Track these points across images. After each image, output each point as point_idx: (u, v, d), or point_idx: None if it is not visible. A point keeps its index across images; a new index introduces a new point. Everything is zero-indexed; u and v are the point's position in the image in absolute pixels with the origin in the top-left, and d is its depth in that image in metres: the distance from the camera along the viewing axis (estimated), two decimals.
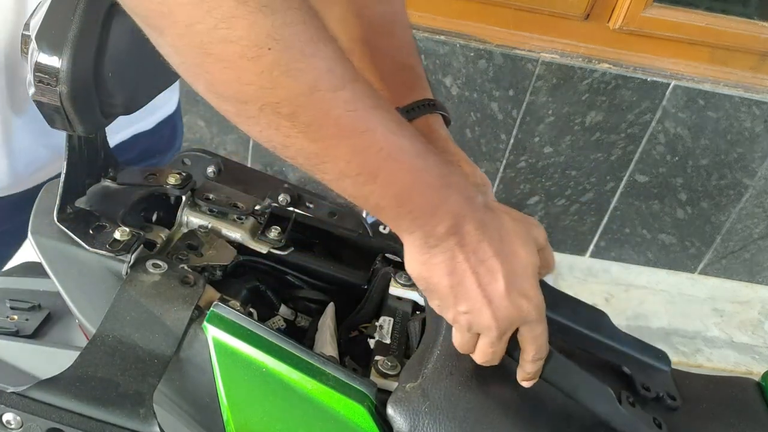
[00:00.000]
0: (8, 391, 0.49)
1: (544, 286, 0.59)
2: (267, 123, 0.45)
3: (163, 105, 0.88)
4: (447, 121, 0.69)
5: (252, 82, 0.42)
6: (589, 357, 0.64)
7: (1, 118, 0.67)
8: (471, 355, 0.57)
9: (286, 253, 0.68)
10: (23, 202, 0.66)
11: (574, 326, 0.65)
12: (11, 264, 0.82)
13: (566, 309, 0.66)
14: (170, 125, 0.92)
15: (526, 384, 0.57)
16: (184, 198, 0.67)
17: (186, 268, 0.60)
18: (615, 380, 0.64)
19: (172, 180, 0.67)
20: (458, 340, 0.57)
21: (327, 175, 0.48)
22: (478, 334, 0.55)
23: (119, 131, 0.82)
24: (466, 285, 0.52)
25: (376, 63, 0.68)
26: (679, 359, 1.88)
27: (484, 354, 0.56)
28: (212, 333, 0.55)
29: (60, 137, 0.59)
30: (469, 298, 0.52)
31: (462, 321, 0.54)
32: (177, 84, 0.91)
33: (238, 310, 0.57)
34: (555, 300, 0.63)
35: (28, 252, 0.67)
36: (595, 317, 0.68)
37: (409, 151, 0.49)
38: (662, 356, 0.68)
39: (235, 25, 0.40)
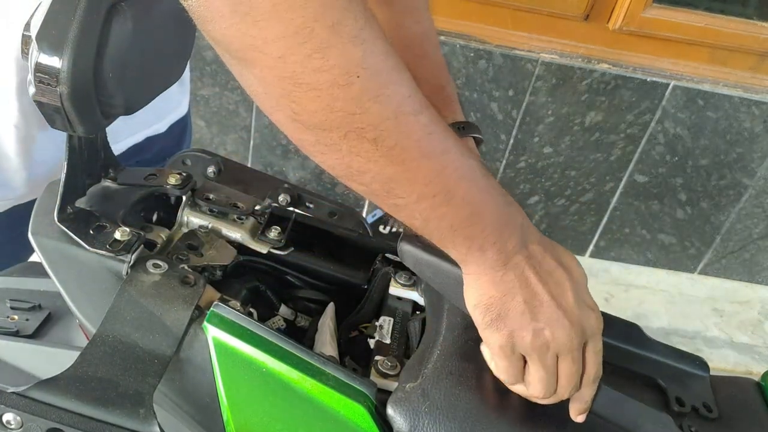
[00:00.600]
0: (8, 391, 0.49)
1: None
2: (349, 149, 0.46)
3: (176, 107, 0.89)
4: (479, 141, 0.70)
5: (342, 109, 0.44)
6: (623, 372, 0.63)
7: (23, 133, 0.69)
8: (555, 396, 0.55)
9: (286, 253, 0.68)
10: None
11: (607, 341, 0.65)
12: None
13: None
14: (181, 127, 0.92)
15: (581, 418, 0.56)
16: (184, 198, 0.67)
17: (186, 268, 0.60)
18: (651, 395, 0.63)
19: (172, 180, 0.67)
20: (539, 370, 0.54)
21: (402, 199, 0.49)
22: (557, 359, 0.54)
23: (134, 133, 0.82)
24: (541, 298, 0.53)
25: None
26: None
27: (570, 376, 0.54)
28: (212, 333, 0.55)
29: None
30: (545, 311, 0.53)
31: (541, 339, 0.53)
32: (188, 87, 0.92)
33: (238, 310, 0.57)
34: None
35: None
36: (628, 330, 0.67)
37: (478, 170, 0.51)
38: (699, 363, 0.67)
39: (329, 54, 0.42)
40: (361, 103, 0.44)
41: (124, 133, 0.80)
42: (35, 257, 0.61)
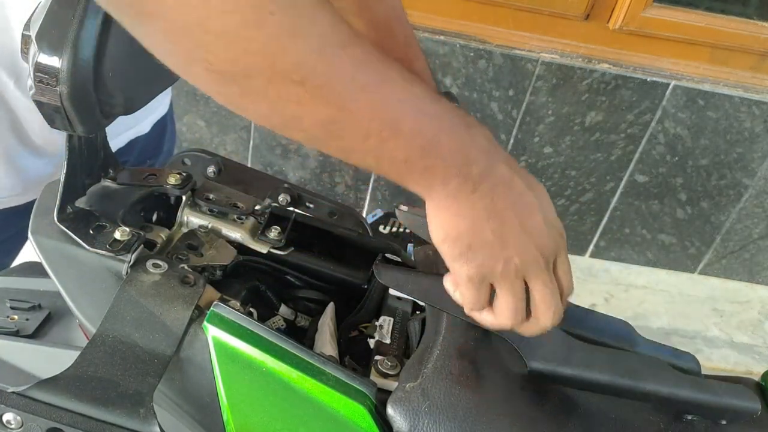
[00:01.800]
0: (8, 390, 0.49)
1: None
2: (277, 94, 0.42)
3: (157, 107, 0.89)
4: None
5: (259, 51, 0.41)
6: None
7: (2, 150, 0.69)
8: (536, 324, 0.54)
9: (286, 253, 0.68)
10: (27, 211, 0.66)
11: (600, 340, 0.65)
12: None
13: (590, 324, 0.65)
14: (162, 125, 0.92)
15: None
16: (184, 198, 0.67)
17: (186, 268, 0.60)
18: None
19: (172, 180, 0.67)
20: (508, 298, 0.52)
21: (347, 140, 0.45)
22: (525, 285, 0.52)
23: (118, 135, 0.82)
24: (510, 224, 0.50)
25: None
26: None
27: (545, 298, 0.52)
28: (212, 333, 0.55)
29: (62, 154, 0.59)
30: (514, 239, 0.50)
31: (511, 267, 0.51)
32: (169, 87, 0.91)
33: (238, 310, 0.57)
34: (578, 316, 0.63)
35: (28, 252, 0.67)
36: (620, 329, 0.67)
37: (427, 97, 0.47)
38: (691, 360, 0.67)
39: None
40: (280, 42, 0.40)
41: (108, 136, 0.80)
42: (34, 257, 0.61)
